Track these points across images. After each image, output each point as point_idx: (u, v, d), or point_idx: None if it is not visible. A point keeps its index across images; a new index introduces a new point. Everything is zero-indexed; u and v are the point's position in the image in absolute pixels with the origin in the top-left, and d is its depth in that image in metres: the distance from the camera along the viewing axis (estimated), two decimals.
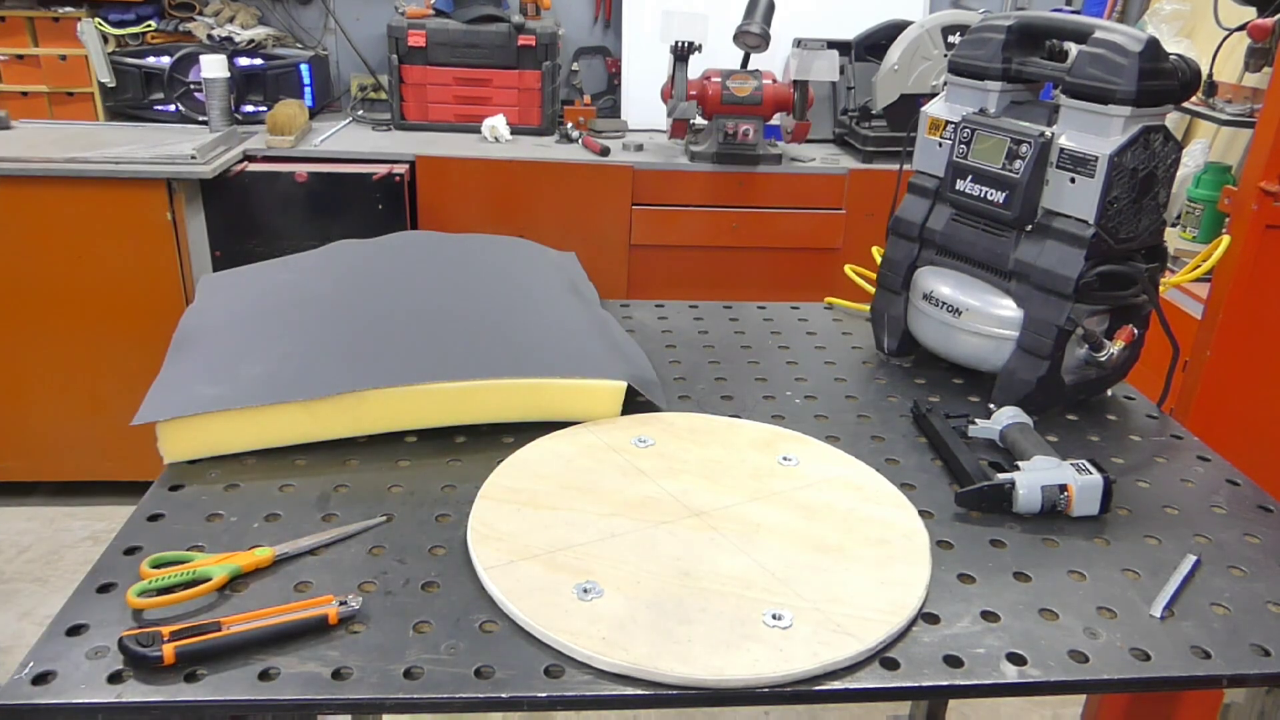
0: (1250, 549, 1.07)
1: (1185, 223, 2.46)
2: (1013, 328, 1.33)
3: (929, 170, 1.44)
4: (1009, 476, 1.09)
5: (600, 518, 1.03)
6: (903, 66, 2.90)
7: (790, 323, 1.65)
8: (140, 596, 0.88)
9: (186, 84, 3.01)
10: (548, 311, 1.38)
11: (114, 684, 0.80)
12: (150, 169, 2.53)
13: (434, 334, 1.26)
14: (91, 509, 2.91)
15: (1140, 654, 0.89)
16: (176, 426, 1.10)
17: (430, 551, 0.99)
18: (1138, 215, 1.26)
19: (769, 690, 0.84)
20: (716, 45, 2.92)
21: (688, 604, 0.91)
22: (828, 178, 2.93)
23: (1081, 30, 1.27)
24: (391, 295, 1.36)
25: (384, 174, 2.73)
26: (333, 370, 1.17)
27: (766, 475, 1.13)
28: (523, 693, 0.81)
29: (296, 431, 1.15)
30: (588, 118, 3.15)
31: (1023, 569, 1.01)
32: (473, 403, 1.20)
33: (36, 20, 2.98)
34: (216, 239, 2.73)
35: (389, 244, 1.54)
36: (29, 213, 2.54)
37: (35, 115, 3.02)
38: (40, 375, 2.71)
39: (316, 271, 1.45)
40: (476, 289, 1.40)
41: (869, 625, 0.89)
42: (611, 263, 2.93)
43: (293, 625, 0.85)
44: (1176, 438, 1.32)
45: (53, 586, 2.59)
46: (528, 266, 1.53)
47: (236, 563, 0.93)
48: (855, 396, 1.39)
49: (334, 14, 3.30)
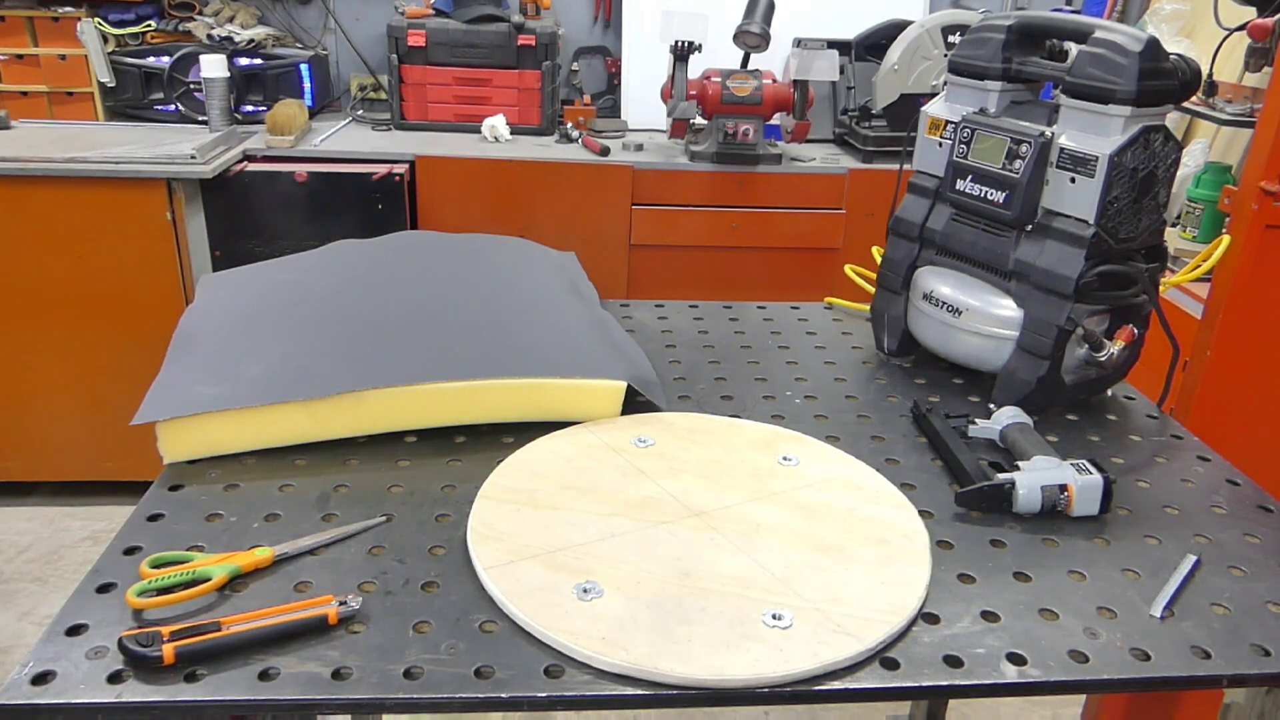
0: (1250, 549, 1.07)
1: (1185, 223, 2.46)
2: (1013, 328, 1.33)
3: (929, 170, 1.44)
4: (1009, 476, 1.09)
5: (600, 518, 1.03)
6: (903, 66, 2.90)
7: (790, 323, 1.65)
8: (140, 596, 0.88)
9: (186, 84, 3.01)
10: (548, 311, 1.38)
11: (114, 684, 0.80)
12: (150, 169, 2.53)
13: (434, 334, 1.26)
14: (91, 509, 2.91)
15: (1140, 654, 0.89)
16: (176, 426, 1.10)
17: (430, 551, 0.99)
18: (1138, 215, 1.26)
19: (769, 690, 0.84)
20: (716, 45, 2.92)
21: (688, 604, 0.91)
22: (828, 178, 2.93)
23: (1081, 30, 1.27)
24: (391, 295, 1.36)
25: (384, 174, 2.73)
26: (332, 370, 1.17)
27: (766, 475, 1.13)
28: (523, 693, 0.81)
29: (296, 431, 1.15)
30: (588, 118, 3.15)
31: (1023, 569, 1.01)
32: (472, 403, 1.20)
33: (36, 20, 2.98)
34: (216, 239, 2.73)
35: (388, 244, 1.54)
36: (29, 213, 2.54)
37: (35, 115, 3.02)
38: (40, 375, 2.71)
39: (316, 271, 1.45)
40: (476, 289, 1.40)
41: (869, 625, 0.89)
42: (611, 263, 2.93)
43: (292, 625, 0.85)
44: (1176, 438, 1.32)
45: (53, 586, 2.59)
46: (528, 266, 1.52)
47: (236, 563, 0.93)
48: (855, 396, 1.39)
49: (334, 14, 3.30)
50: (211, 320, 1.32)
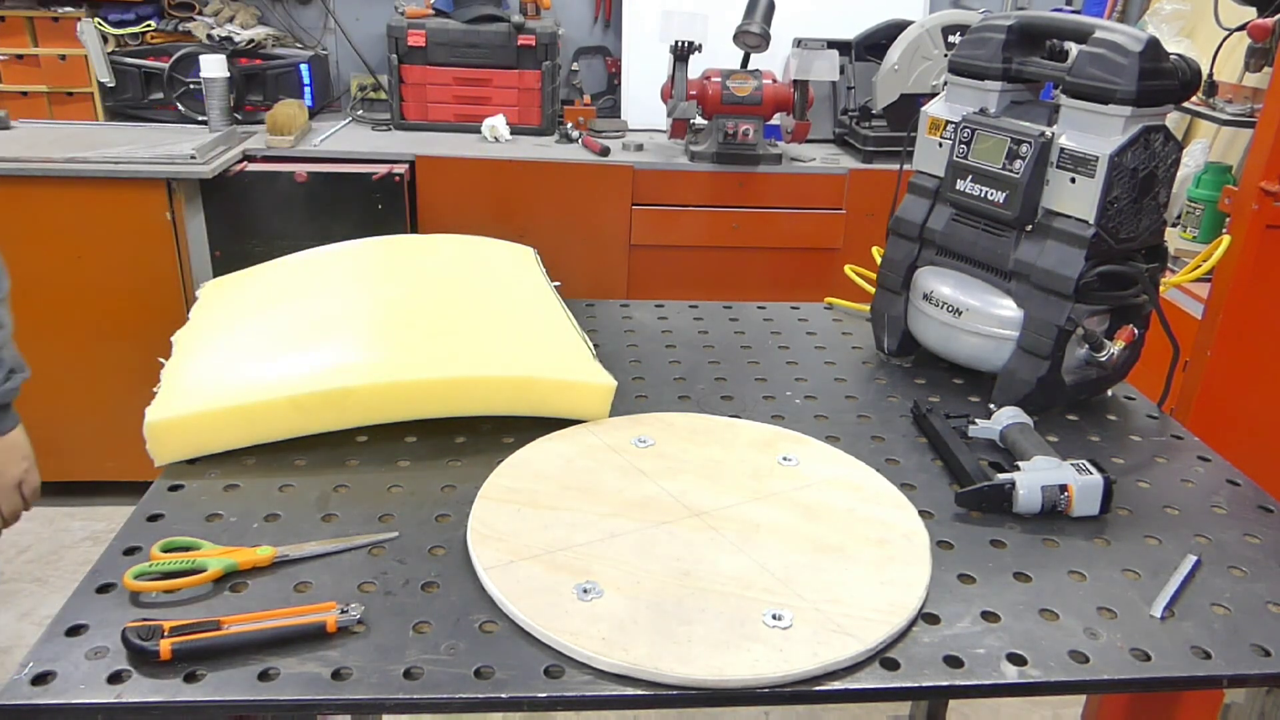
0: (1250, 549, 1.07)
1: (1185, 223, 2.46)
2: (1013, 328, 1.33)
3: (929, 170, 1.44)
4: (1009, 477, 1.09)
5: (600, 518, 1.03)
6: (903, 66, 2.90)
7: (790, 323, 1.65)
8: (138, 579, 0.89)
9: (186, 84, 3.01)
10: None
11: (113, 684, 0.80)
12: (150, 169, 2.53)
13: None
14: (91, 509, 2.91)
15: (1140, 654, 0.89)
16: (163, 428, 1.10)
17: (430, 552, 0.99)
18: (1138, 215, 1.26)
19: (769, 690, 0.84)
20: (716, 45, 2.92)
21: (688, 604, 0.91)
22: (828, 178, 2.93)
23: (1082, 30, 1.27)
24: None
25: (384, 174, 2.73)
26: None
27: (766, 475, 1.13)
28: (523, 693, 0.81)
29: (284, 426, 1.14)
30: (588, 118, 3.15)
31: (1023, 569, 1.01)
32: (461, 396, 1.19)
33: (36, 20, 2.98)
34: (216, 239, 2.73)
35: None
36: (29, 213, 2.54)
37: (35, 115, 3.02)
38: (40, 375, 2.69)
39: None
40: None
41: (869, 625, 0.89)
42: (611, 263, 2.93)
43: (292, 630, 0.85)
44: (1177, 438, 1.32)
45: (53, 586, 2.59)
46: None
47: (234, 558, 0.93)
48: (855, 396, 1.39)
49: (334, 14, 3.30)
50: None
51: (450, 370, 1.18)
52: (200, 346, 1.27)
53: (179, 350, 1.28)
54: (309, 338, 1.25)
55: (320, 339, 1.25)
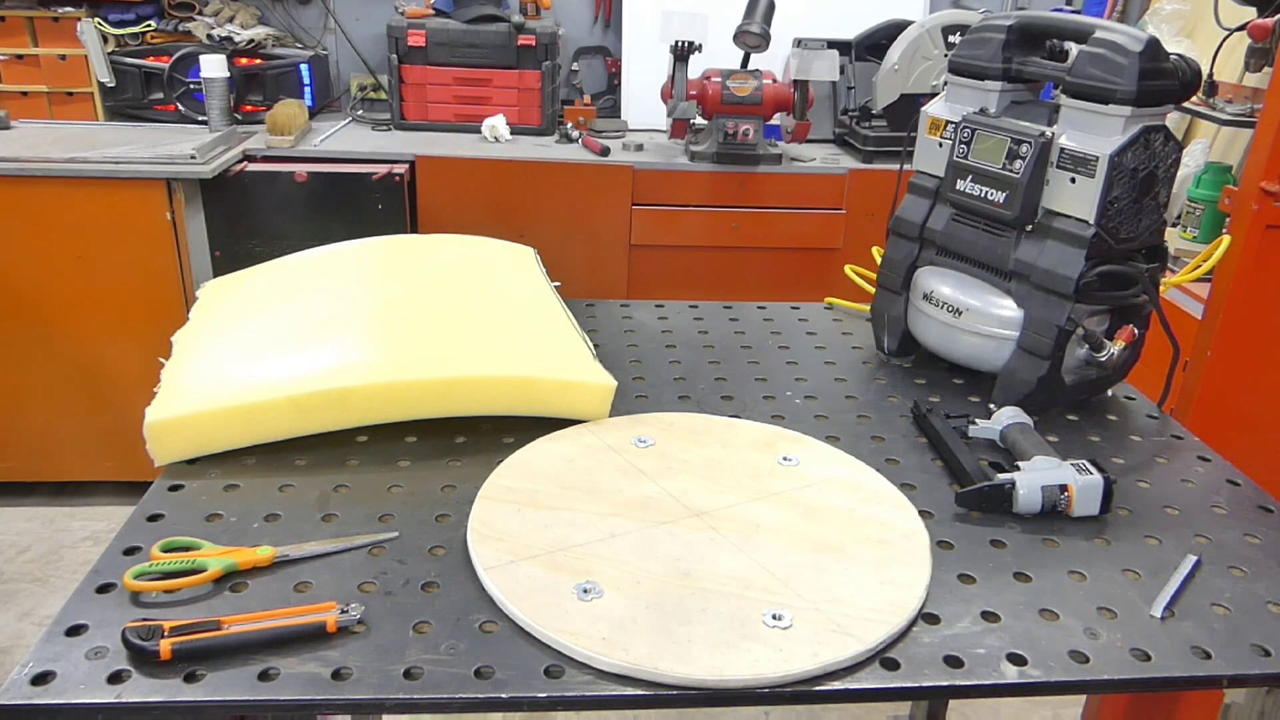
0: (1250, 549, 1.07)
1: (1185, 223, 2.46)
2: (1013, 328, 1.33)
3: (929, 170, 1.44)
4: (1009, 477, 1.09)
5: (600, 518, 1.03)
6: (903, 66, 2.90)
7: (790, 323, 1.65)
8: (138, 579, 0.89)
9: (186, 84, 3.01)
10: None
11: (113, 684, 0.80)
12: (150, 169, 2.53)
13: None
14: (91, 509, 2.91)
15: (1140, 654, 0.89)
16: (163, 428, 1.10)
17: (430, 551, 0.99)
18: (1138, 215, 1.26)
19: (769, 690, 0.84)
20: (716, 45, 2.92)
21: (688, 604, 0.91)
22: (828, 178, 2.93)
23: (1082, 30, 1.27)
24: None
25: (384, 174, 2.73)
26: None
27: (766, 475, 1.13)
28: (523, 693, 0.81)
29: (284, 426, 1.14)
30: (588, 118, 3.15)
31: (1023, 569, 1.01)
32: (461, 396, 1.19)
33: (36, 20, 2.98)
34: (216, 239, 2.73)
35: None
36: (29, 213, 2.54)
37: (35, 115, 3.02)
38: (40, 375, 2.71)
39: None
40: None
41: (869, 625, 0.89)
42: (611, 263, 2.93)
43: (292, 630, 0.85)
44: (1177, 438, 1.32)
45: (52, 586, 2.59)
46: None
47: (234, 559, 0.93)
48: (855, 396, 1.39)
49: (334, 14, 3.30)
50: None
51: (450, 370, 1.18)
52: (200, 346, 1.27)
53: (179, 350, 1.28)
54: (309, 338, 1.25)
55: (320, 339, 1.25)
